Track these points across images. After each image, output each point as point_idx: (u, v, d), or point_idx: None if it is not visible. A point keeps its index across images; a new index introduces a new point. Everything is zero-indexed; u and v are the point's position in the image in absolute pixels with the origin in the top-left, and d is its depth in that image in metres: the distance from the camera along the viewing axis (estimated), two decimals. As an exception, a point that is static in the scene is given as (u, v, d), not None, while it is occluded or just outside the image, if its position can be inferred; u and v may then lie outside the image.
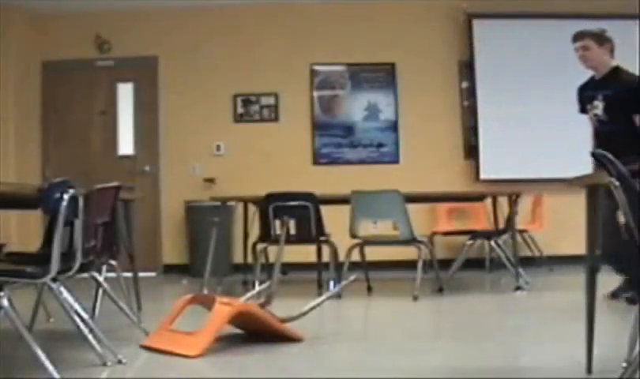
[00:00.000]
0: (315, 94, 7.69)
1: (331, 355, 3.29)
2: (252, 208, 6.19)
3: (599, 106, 4.40)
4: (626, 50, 7.31)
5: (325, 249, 5.66)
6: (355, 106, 7.65)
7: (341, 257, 5.43)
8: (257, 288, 4.39)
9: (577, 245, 3.03)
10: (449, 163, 7.38)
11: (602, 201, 2.48)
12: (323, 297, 3.78)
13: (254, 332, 3.59)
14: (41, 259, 2.76)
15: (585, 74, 4.69)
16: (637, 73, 7.24)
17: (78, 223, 2.77)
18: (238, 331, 3.75)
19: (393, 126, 7.50)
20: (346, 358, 3.23)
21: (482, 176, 7.21)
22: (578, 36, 4.52)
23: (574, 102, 4.78)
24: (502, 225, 5.98)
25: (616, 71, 4.52)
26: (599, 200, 2.58)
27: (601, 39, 4.52)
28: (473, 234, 6.07)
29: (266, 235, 5.48)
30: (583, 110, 4.63)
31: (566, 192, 3.51)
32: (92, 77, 7.70)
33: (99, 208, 3.18)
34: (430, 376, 2.87)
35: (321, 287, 5.80)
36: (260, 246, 5.60)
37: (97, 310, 4.08)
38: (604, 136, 4.32)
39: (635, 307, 2.55)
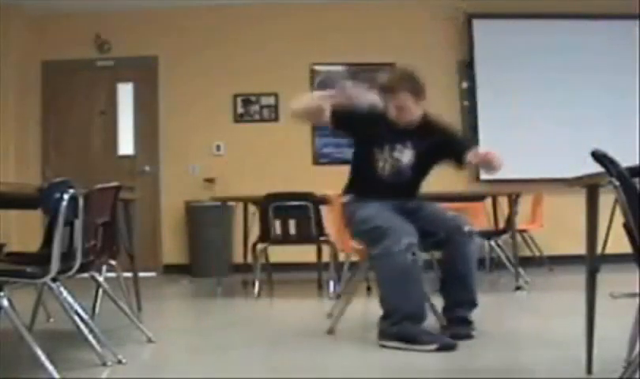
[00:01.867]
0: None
1: (331, 355, 3.29)
2: (252, 208, 6.19)
3: (404, 157, 3.78)
4: (627, 50, 7.36)
5: (325, 249, 5.66)
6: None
7: (341, 257, 5.44)
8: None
9: (577, 245, 3.03)
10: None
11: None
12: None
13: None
14: (41, 259, 2.76)
15: (586, 75, 4.65)
16: (637, 74, 7.29)
17: (78, 223, 2.77)
18: (238, 331, 3.75)
19: (393, 126, 7.48)
20: (346, 358, 3.23)
21: (482, 176, 7.21)
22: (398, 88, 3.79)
23: (574, 102, 4.75)
24: (502, 225, 5.98)
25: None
26: (598, 200, 2.59)
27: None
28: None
29: (266, 235, 5.48)
30: (366, 141, 3.85)
31: (566, 192, 3.50)
32: (92, 77, 7.70)
33: (99, 208, 3.18)
34: (430, 376, 2.87)
35: (321, 287, 5.81)
36: (260, 246, 5.60)
37: (97, 310, 4.08)
38: (392, 190, 3.76)
39: (635, 307, 2.55)
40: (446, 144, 3.73)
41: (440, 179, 4.10)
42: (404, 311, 3.30)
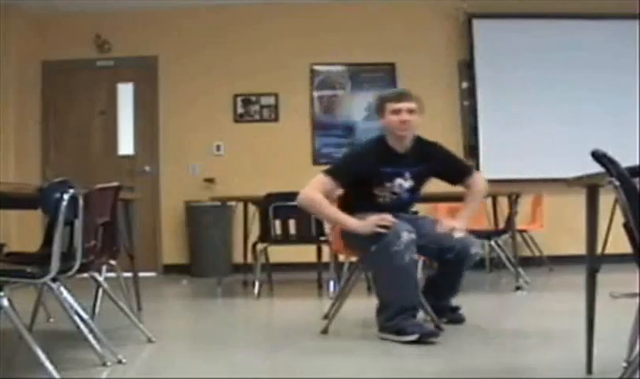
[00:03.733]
0: (315, 94, 7.70)
1: (331, 356, 3.29)
2: (252, 208, 6.19)
3: (404, 186, 3.80)
4: (627, 50, 7.36)
5: (325, 249, 5.66)
6: (355, 106, 7.66)
7: (341, 257, 5.44)
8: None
9: (577, 245, 3.03)
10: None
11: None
12: None
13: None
14: (41, 259, 2.76)
15: (586, 75, 4.63)
16: (637, 73, 7.29)
17: (78, 223, 2.77)
18: (238, 331, 3.75)
19: (393, 126, 7.48)
20: (346, 359, 3.23)
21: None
22: (409, 95, 3.75)
23: (574, 102, 4.74)
24: (502, 225, 5.98)
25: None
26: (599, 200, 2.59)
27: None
28: (473, 235, 6.05)
29: (266, 235, 5.48)
30: (369, 186, 3.75)
31: (566, 192, 3.50)
32: (92, 77, 7.70)
33: (99, 208, 3.18)
34: (430, 376, 2.86)
35: (321, 287, 5.81)
36: (260, 246, 5.60)
37: (97, 310, 4.08)
38: (392, 213, 3.70)
39: (635, 307, 2.55)
40: (443, 170, 3.85)
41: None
42: (397, 306, 3.43)
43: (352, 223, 3.56)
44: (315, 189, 3.64)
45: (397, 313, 3.41)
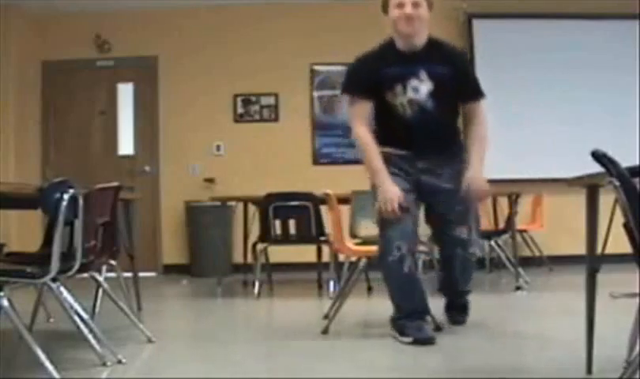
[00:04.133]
0: (315, 94, 7.69)
1: (331, 355, 3.29)
2: (252, 208, 6.19)
3: (422, 89, 3.35)
4: (627, 50, 7.36)
5: (325, 249, 5.66)
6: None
7: (341, 257, 5.43)
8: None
9: (577, 245, 3.03)
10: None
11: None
12: None
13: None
14: (41, 259, 2.76)
15: (586, 75, 4.60)
16: (637, 73, 7.24)
17: (78, 223, 2.77)
18: (238, 331, 3.75)
19: (393, 126, 7.48)
20: (346, 358, 3.23)
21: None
22: None
23: (574, 102, 4.74)
24: (502, 225, 5.98)
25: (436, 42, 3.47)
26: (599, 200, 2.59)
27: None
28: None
29: (266, 235, 5.48)
30: (380, 94, 3.36)
31: (566, 192, 3.50)
32: (92, 77, 7.70)
33: (99, 208, 3.18)
34: (430, 376, 2.86)
35: (321, 287, 5.81)
36: (260, 246, 5.60)
37: (97, 310, 4.08)
38: (423, 132, 3.36)
39: (635, 307, 2.55)
40: (460, 81, 3.40)
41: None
42: (404, 310, 3.45)
43: (379, 178, 3.27)
44: (358, 121, 3.38)
45: (404, 316, 3.44)
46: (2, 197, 3.18)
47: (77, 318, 2.99)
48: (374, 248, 3.55)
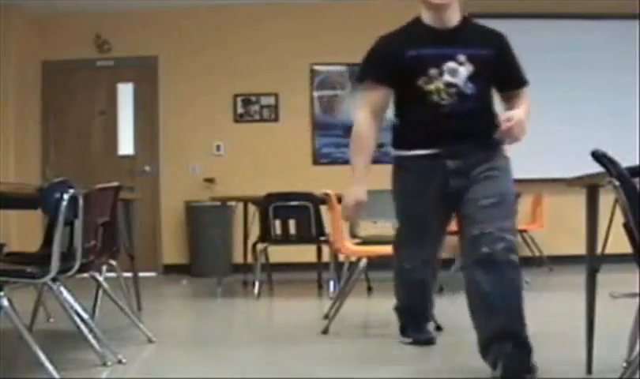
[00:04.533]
0: (315, 94, 7.69)
1: (331, 355, 3.29)
2: (252, 208, 6.19)
3: (460, 72, 2.85)
4: (627, 50, 7.36)
5: (325, 249, 5.66)
6: (355, 107, 7.64)
7: (341, 257, 5.43)
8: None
9: (577, 245, 3.03)
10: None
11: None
12: None
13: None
14: (41, 259, 2.76)
15: (586, 75, 4.59)
16: (637, 73, 7.24)
17: (78, 223, 2.77)
18: (238, 331, 3.75)
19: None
20: (345, 358, 3.23)
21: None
22: None
23: (574, 102, 4.73)
24: (502, 225, 5.97)
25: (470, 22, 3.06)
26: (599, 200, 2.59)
27: None
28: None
29: (266, 235, 5.48)
30: (408, 79, 2.84)
31: (566, 192, 3.51)
32: (92, 77, 7.70)
33: (99, 208, 3.18)
34: (430, 376, 2.86)
35: (321, 287, 5.81)
36: (260, 246, 5.60)
37: (97, 310, 4.07)
38: (459, 121, 2.84)
39: (635, 307, 2.55)
40: (504, 66, 3.05)
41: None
42: (410, 314, 3.47)
43: (353, 176, 2.96)
44: (365, 108, 2.97)
45: (407, 317, 3.46)
46: (2, 197, 3.18)
47: (77, 318, 2.99)
48: (374, 248, 3.55)
